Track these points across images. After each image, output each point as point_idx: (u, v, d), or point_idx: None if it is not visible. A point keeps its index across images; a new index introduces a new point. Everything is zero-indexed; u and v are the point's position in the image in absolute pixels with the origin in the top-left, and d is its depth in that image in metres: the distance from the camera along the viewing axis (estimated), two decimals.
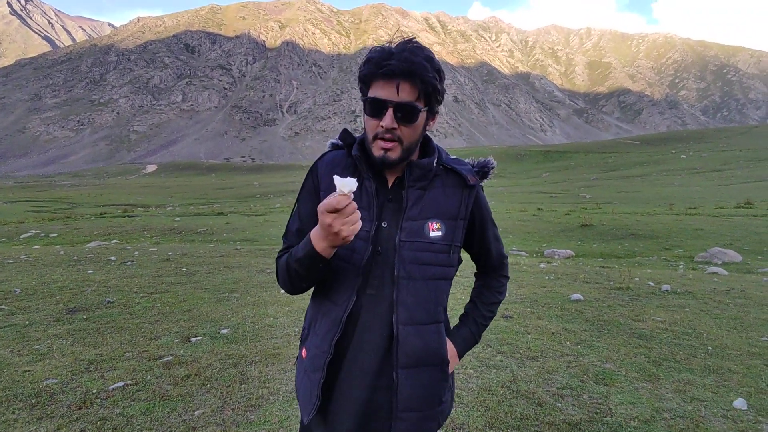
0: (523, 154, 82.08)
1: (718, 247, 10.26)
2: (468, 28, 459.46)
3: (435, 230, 1.33)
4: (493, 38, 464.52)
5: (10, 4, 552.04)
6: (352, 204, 1.14)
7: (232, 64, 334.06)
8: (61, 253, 9.40)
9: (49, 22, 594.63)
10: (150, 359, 3.72)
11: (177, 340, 4.17)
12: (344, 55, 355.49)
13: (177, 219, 19.14)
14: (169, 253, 9.29)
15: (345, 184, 1.13)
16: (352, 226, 1.14)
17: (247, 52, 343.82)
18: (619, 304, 5.51)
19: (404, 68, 1.23)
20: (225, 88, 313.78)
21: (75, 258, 8.55)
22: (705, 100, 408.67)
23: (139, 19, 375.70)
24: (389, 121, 1.25)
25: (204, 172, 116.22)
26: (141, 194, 51.21)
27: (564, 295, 5.90)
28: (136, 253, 9.46)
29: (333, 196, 1.13)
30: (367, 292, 1.32)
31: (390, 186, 1.36)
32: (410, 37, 1.29)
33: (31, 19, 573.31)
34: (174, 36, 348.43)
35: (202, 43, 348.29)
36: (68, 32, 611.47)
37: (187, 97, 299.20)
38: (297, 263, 1.27)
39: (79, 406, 2.94)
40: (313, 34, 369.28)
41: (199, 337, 4.25)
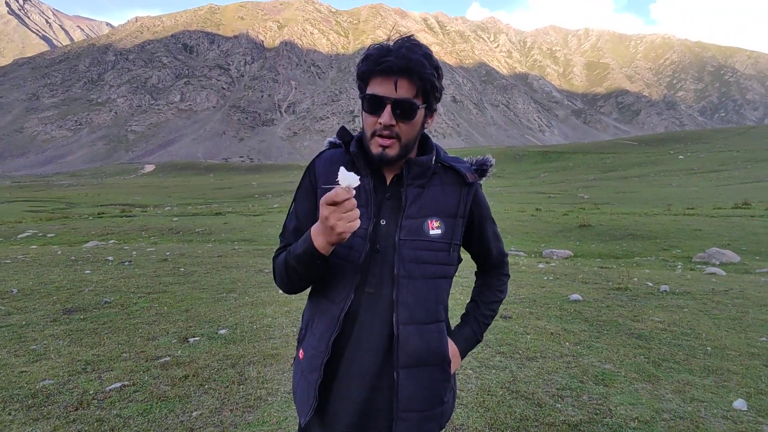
0: (522, 154, 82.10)
1: (716, 248, 10.27)
2: (466, 28, 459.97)
3: (434, 228, 1.32)
4: (492, 39, 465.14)
5: (8, 4, 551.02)
6: (352, 200, 1.13)
7: (231, 64, 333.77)
8: (59, 253, 9.37)
9: (47, 22, 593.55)
10: (147, 360, 3.70)
11: (175, 341, 4.16)
12: (343, 55, 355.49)
13: (175, 219, 19.11)
14: (167, 253, 9.27)
15: (346, 179, 1.12)
16: (349, 222, 1.13)
17: (246, 52, 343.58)
18: (618, 305, 5.51)
19: (402, 65, 1.23)
20: (223, 88, 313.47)
21: (72, 258, 8.52)
22: (703, 100, 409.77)
23: (137, 19, 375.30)
24: (387, 118, 1.24)
25: (202, 172, 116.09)
26: (139, 194, 51.12)
27: (563, 296, 5.90)
28: (134, 253, 9.43)
29: (335, 189, 1.14)
30: (365, 291, 1.31)
31: (388, 183, 1.35)
32: (408, 35, 1.29)
33: (29, 18, 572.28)
34: (172, 36, 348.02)
35: (200, 43, 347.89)
36: (66, 32, 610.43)
37: (186, 97, 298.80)
38: (295, 260, 1.26)
39: (76, 407, 2.93)
40: (312, 34, 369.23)
41: (197, 338, 4.23)
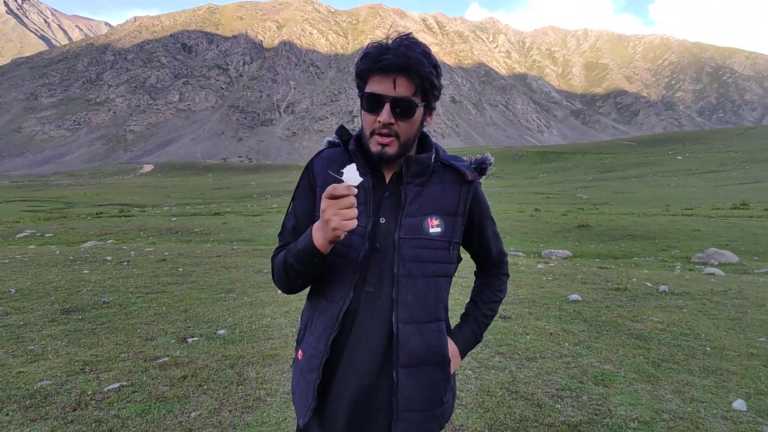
0: (521, 154, 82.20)
1: (715, 248, 10.29)
2: (465, 28, 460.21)
3: (434, 226, 1.32)
4: (491, 39, 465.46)
5: (6, 3, 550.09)
6: (351, 198, 1.12)
7: (230, 63, 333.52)
8: (57, 253, 9.34)
9: (46, 21, 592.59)
10: (146, 360, 3.69)
11: (173, 341, 4.14)
12: (342, 55, 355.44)
13: (173, 219, 19.08)
14: (166, 253, 9.25)
15: (349, 175, 1.12)
16: (344, 219, 1.12)
17: (245, 52, 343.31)
18: (617, 305, 5.51)
19: (401, 63, 1.22)
20: (222, 88, 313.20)
21: (70, 258, 8.50)
22: (701, 101, 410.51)
23: (136, 19, 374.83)
24: (386, 117, 1.24)
25: (201, 172, 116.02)
26: (137, 194, 51.07)
27: (562, 296, 5.90)
28: (132, 253, 9.41)
29: (334, 184, 1.14)
30: (365, 290, 1.30)
31: (387, 182, 1.35)
32: (406, 33, 1.28)
33: (27, 18, 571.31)
34: (171, 36, 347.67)
35: (199, 43, 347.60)
36: (65, 31, 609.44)
37: (184, 97, 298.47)
38: (294, 257, 1.25)
39: (74, 407, 2.91)
40: (311, 34, 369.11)
41: (196, 338, 4.22)
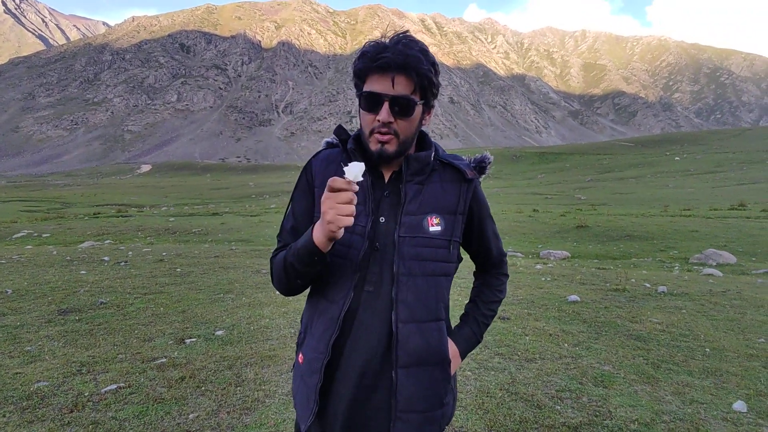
0: (519, 155, 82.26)
1: (713, 249, 10.30)
2: (464, 29, 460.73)
3: (434, 225, 1.31)
4: (489, 40, 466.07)
5: (4, 3, 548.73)
6: (349, 193, 1.11)
7: (228, 64, 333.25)
8: (54, 253, 9.30)
9: (43, 21, 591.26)
10: (143, 361, 3.66)
11: (171, 342, 4.12)
12: (340, 55, 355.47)
13: (171, 219, 19.03)
14: (164, 254, 9.22)
15: (351, 170, 1.11)
16: (339, 214, 1.11)
17: (243, 52, 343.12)
18: (616, 306, 5.51)
19: (399, 61, 1.21)
20: (220, 88, 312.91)
21: (68, 258, 8.46)
22: (699, 102, 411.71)
23: (134, 19, 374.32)
24: (385, 115, 1.23)
25: (199, 172, 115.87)
26: (135, 194, 50.97)
27: (561, 297, 5.89)
28: (130, 253, 9.38)
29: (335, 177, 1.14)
30: (365, 289, 1.29)
31: (386, 181, 1.34)
32: (404, 31, 1.28)
33: (25, 17, 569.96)
34: (169, 35, 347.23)
35: (197, 43, 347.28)
36: (62, 31, 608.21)
37: (182, 97, 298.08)
38: (294, 256, 1.24)
39: (71, 409, 2.89)
40: (309, 34, 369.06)
41: (194, 339, 4.20)
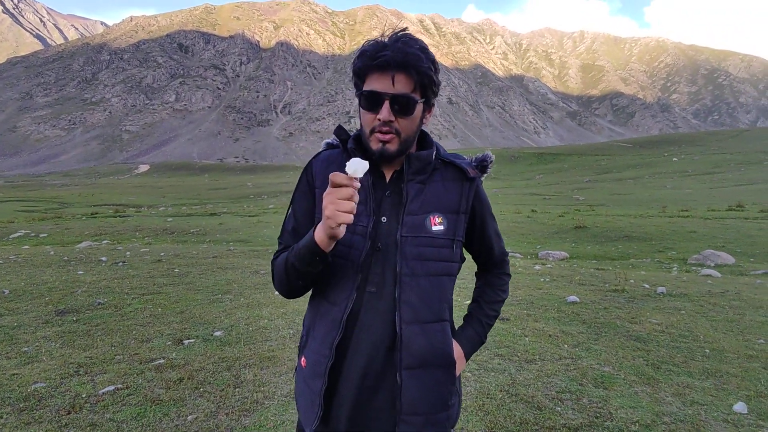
0: (517, 156, 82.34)
1: (711, 250, 10.31)
2: (462, 30, 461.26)
3: (437, 224, 1.30)
4: (488, 41, 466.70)
5: (2, 3, 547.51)
6: (350, 189, 1.09)
7: (226, 64, 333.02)
8: (51, 253, 9.27)
9: (41, 21, 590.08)
10: (141, 362, 3.64)
11: (169, 343, 4.10)
12: (339, 56, 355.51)
13: (169, 219, 18.99)
14: (162, 254, 9.19)
15: (352, 166, 1.10)
16: (338, 210, 1.09)
17: (241, 53, 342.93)
18: (616, 307, 5.50)
19: (399, 59, 1.20)
20: (219, 88, 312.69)
21: (65, 258, 8.43)
22: (696, 103, 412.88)
23: (132, 18, 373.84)
24: (386, 114, 1.22)
25: (197, 173, 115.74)
26: (133, 194, 50.88)
27: (560, 297, 5.88)
28: (128, 253, 9.35)
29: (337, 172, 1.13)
30: (367, 290, 1.27)
31: (388, 180, 1.33)
32: (403, 28, 1.27)
33: (23, 17, 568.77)
34: (167, 35, 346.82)
35: (195, 43, 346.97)
36: (60, 31, 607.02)
37: (181, 97, 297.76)
38: (296, 256, 1.23)
39: (68, 410, 2.87)
40: (308, 34, 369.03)
41: (192, 340, 4.18)
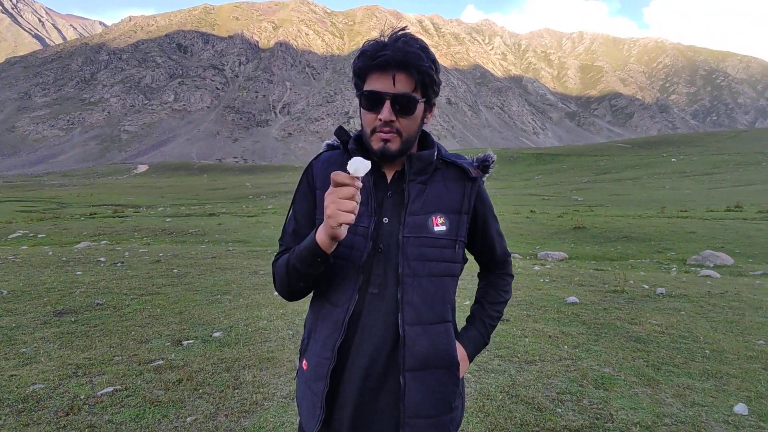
0: (516, 156, 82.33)
1: (710, 250, 10.31)
2: (461, 30, 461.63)
3: (439, 225, 1.29)
4: (487, 41, 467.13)
5: (1, 3, 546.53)
6: (351, 189, 1.08)
7: (225, 64, 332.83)
8: (50, 253, 9.24)
9: (40, 21, 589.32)
10: (140, 363, 3.63)
11: (168, 344, 4.09)
12: (338, 56, 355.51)
13: (168, 220, 18.96)
14: (160, 255, 9.17)
15: (353, 164, 1.09)
16: (339, 209, 1.08)
17: (240, 53, 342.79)
18: (615, 307, 5.50)
19: (399, 58, 1.20)
20: (217, 89, 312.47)
21: (63, 259, 8.41)
22: (695, 104, 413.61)
23: (131, 18, 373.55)
24: (387, 114, 1.21)
25: (196, 173, 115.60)
26: (132, 194, 50.82)
27: (560, 298, 5.88)
28: (126, 254, 9.33)
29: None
30: (369, 292, 1.26)
31: (389, 181, 1.32)
32: (402, 28, 1.26)
33: (21, 17, 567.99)
34: (166, 35, 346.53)
35: (194, 43, 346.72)
36: (59, 30, 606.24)
37: (179, 97, 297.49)
38: (297, 257, 1.22)
39: (67, 412, 2.85)
40: (307, 35, 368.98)
41: (191, 341, 4.16)
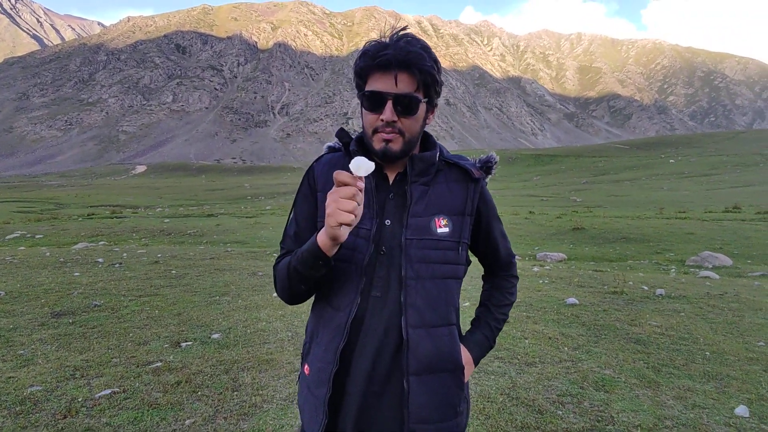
0: (515, 157, 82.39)
1: (709, 251, 10.31)
2: (460, 31, 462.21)
3: (442, 227, 1.28)
4: (485, 42, 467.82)
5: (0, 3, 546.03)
6: (353, 189, 1.06)
7: (224, 64, 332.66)
8: (47, 254, 9.21)
9: (38, 21, 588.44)
10: (138, 365, 3.61)
11: (166, 345, 4.07)
12: (336, 57, 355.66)
13: (166, 220, 18.92)
14: (159, 255, 9.15)
15: (355, 164, 1.07)
16: (340, 209, 1.06)
17: (239, 53, 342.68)
18: (615, 309, 5.49)
19: (401, 58, 1.19)
20: (216, 89, 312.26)
21: (61, 260, 8.38)
22: (693, 105, 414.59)
23: (129, 19, 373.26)
24: (389, 114, 1.20)
25: (194, 173, 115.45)
26: (130, 195, 50.74)
27: (559, 299, 5.87)
28: (125, 255, 9.30)
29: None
30: (371, 295, 1.25)
31: (391, 182, 1.31)
32: (403, 28, 1.25)
33: (20, 17, 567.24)
34: (165, 36, 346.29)
35: (193, 44, 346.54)
36: (57, 31, 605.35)
37: (178, 98, 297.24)
38: (298, 260, 1.20)
39: (64, 414, 2.83)
40: (306, 35, 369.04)
41: (190, 342, 4.14)
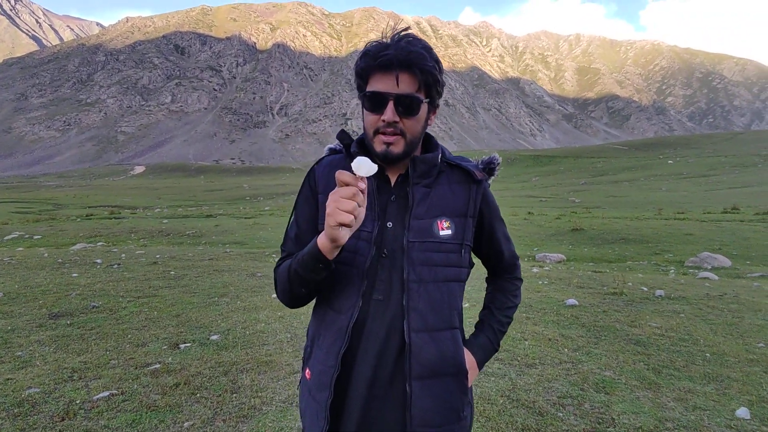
0: (513, 158, 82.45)
1: (708, 252, 10.31)
2: (459, 32, 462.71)
3: (444, 229, 1.26)
4: (484, 43, 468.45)
5: None
6: (353, 189, 1.04)
7: (223, 65, 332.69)
8: (45, 255, 9.18)
9: (37, 22, 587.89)
10: (137, 367, 3.59)
11: (165, 347, 4.05)
12: (335, 57, 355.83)
13: (165, 221, 18.89)
14: (157, 256, 9.12)
15: (357, 162, 1.05)
16: (339, 209, 1.04)
17: (238, 54, 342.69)
18: (615, 310, 5.48)
19: (402, 58, 1.18)
20: (215, 90, 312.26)
21: (59, 261, 8.35)
22: (691, 106, 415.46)
23: (128, 19, 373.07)
24: (390, 115, 1.19)
25: (193, 174, 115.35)
26: (128, 196, 50.65)
27: (559, 300, 5.86)
28: (123, 255, 9.27)
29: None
30: (373, 298, 1.23)
31: (392, 184, 1.29)
32: (404, 28, 1.24)
33: (19, 18, 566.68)
34: (164, 36, 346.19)
35: (192, 44, 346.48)
36: (56, 31, 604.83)
37: (177, 98, 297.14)
38: (299, 263, 1.19)
39: (62, 417, 2.82)
40: (305, 36, 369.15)
41: (188, 344, 4.13)
